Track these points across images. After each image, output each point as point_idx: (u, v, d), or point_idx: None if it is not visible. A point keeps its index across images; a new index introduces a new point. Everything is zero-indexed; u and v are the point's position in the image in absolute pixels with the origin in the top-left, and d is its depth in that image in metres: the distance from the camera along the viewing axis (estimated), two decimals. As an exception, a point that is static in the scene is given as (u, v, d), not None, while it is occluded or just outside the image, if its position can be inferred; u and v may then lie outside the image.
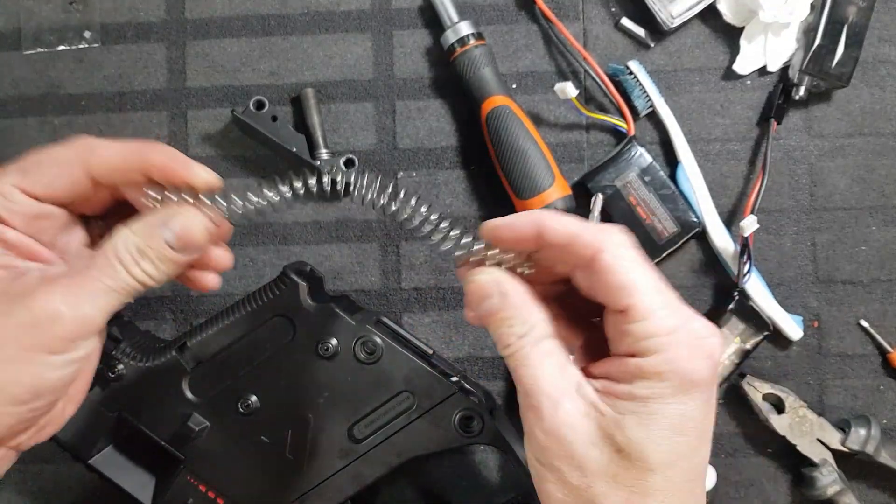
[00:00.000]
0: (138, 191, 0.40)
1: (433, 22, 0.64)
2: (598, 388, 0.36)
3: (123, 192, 0.41)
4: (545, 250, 0.38)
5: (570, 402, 0.35)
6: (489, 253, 0.39)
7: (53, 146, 0.39)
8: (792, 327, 0.62)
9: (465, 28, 0.61)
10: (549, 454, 0.35)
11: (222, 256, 0.44)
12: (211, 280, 0.44)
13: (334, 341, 0.54)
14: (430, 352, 0.55)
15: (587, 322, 0.41)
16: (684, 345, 0.35)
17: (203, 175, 0.40)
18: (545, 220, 0.38)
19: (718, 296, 0.63)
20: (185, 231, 0.38)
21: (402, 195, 0.41)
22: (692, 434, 0.35)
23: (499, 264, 0.39)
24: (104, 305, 0.37)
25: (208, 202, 0.39)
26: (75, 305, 0.36)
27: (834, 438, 0.60)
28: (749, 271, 0.60)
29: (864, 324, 0.63)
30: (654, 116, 0.64)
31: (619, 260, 0.36)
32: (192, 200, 0.39)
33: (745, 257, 0.59)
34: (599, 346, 0.39)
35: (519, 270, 0.39)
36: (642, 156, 0.62)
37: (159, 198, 0.39)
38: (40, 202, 0.39)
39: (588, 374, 0.37)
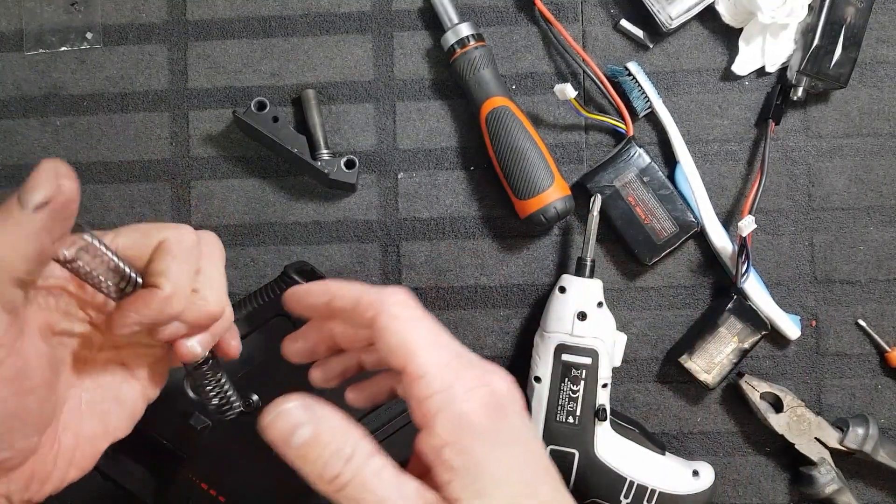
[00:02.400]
0: None
1: (433, 23, 0.64)
2: (429, 484, 0.35)
3: None
4: (341, 319, 0.39)
5: None
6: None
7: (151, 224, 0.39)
8: (790, 327, 0.62)
9: (465, 29, 0.62)
10: None
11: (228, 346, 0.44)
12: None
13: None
14: (430, 351, 0.55)
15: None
16: (462, 399, 0.34)
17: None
18: (333, 286, 0.38)
19: (717, 295, 0.64)
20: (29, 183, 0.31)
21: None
22: (524, 472, 0.35)
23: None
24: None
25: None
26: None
27: (832, 437, 0.60)
28: (747, 271, 0.60)
29: (862, 323, 0.63)
30: (652, 117, 0.64)
31: (395, 320, 0.36)
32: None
33: (744, 257, 0.60)
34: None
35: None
36: (641, 156, 0.62)
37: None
38: None
39: (416, 471, 0.36)
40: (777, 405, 0.61)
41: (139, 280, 0.37)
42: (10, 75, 0.66)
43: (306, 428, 0.35)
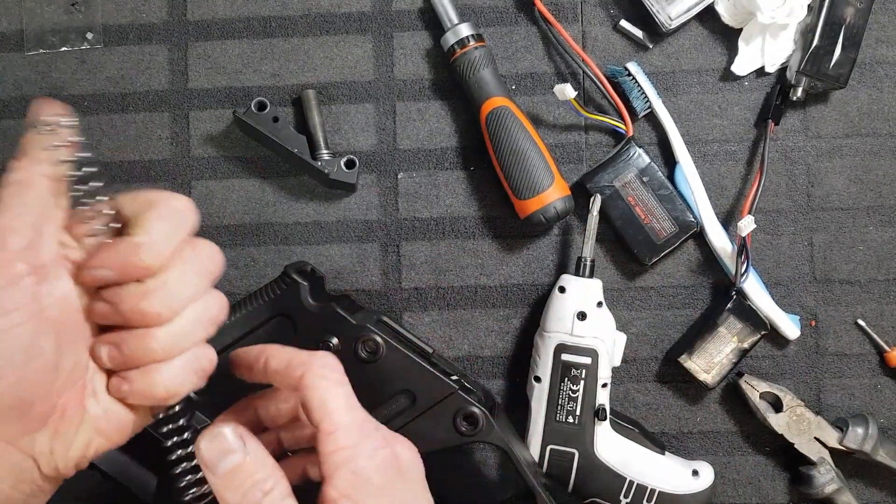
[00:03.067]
0: None
1: (433, 24, 0.64)
2: None
3: None
4: (271, 380, 0.41)
5: None
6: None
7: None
8: (789, 327, 0.62)
9: (465, 30, 0.62)
10: None
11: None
12: None
13: (335, 340, 0.54)
14: (431, 351, 0.55)
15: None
16: (366, 456, 0.38)
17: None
18: (269, 348, 0.41)
19: (716, 295, 0.64)
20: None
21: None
22: None
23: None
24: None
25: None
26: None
27: (831, 437, 0.60)
28: (747, 271, 0.60)
29: (862, 323, 0.63)
30: (652, 117, 0.64)
31: (319, 380, 0.39)
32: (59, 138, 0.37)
33: (743, 257, 0.60)
34: None
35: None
36: (641, 156, 0.62)
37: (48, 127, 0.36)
38: None
39: None
40: (777, 405, 0.61)
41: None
42: (10, 75, 0.66)
43: (237, 455, 0.37)
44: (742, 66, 0.64)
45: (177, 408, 0.40)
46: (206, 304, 0.38)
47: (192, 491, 0.40)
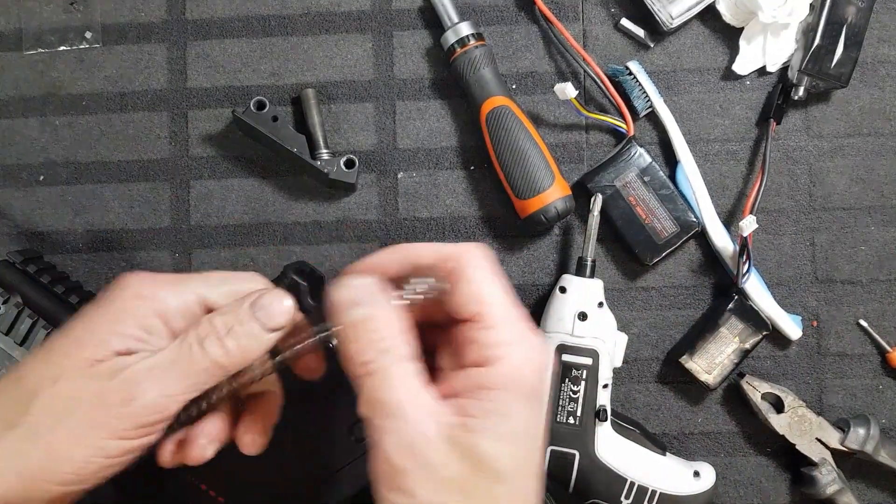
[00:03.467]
0: None
1: (433, 22, 0.64)
2: (451, 407, 0.36)
3: None
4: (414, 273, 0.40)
5: (430, 425, 0.35)
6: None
7: (239, 273, 0.43)
8: (791, 327, 0.62)
9: (465, 29, 0.62)
10: (404, 477, 0.35)
11: (249, 440, 0.43)
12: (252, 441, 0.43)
13: (335, 340, 0.54)
14: (431, 351, 0.55)
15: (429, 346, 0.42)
16: (525, 357, 0.37)
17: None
18: (409, 246, 0.40)
19: (718, 295, 0.63)
20: (271, 307, 0.39)
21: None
22: (533, 442, 0.37)
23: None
24: (178, 388, 0.37)
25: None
26: (148, 388, 0.36)
27: (833, 438, 0.60)
28: (748, 271, 0.60)
29: (864, 323, 0.63)
30: (653, 117, 0.64)
31: (475, 271, 0.38)
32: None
33: (745, 257, 0.60)
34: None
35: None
36: (642, 156, 0.62)
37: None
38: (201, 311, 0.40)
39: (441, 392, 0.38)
40: (778, 405, 0.61)
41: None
42: (8, 75, 0.66)
43: (362, 309, 0.37)
44: (743, 65, 0.64)
45: None
46: None
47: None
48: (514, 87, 0.64)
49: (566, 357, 0.58)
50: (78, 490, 0.37)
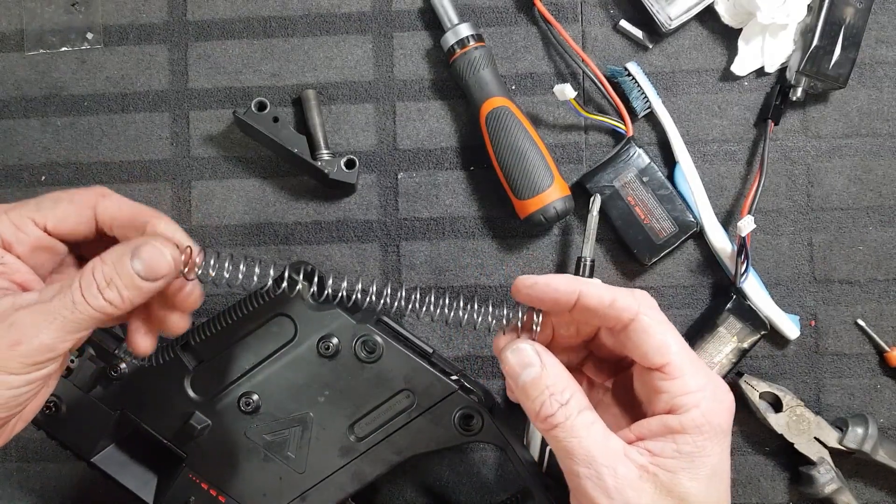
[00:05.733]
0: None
1: (433, 24, 0.64)
2: (641, 450, 0.39)
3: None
4: (576, 313, 0.42)
5: (624, 467, 0.39)
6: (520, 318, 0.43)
7: (73, 189, 0.42)
8: (789, 326, 0.62)
9: (465, 30, 0.62)
10: None
11: (190, 295, 0.44)
12: (176, 322, 0.44)
13: (335, 340, 0.54)
14: (430, 350, 0.55)
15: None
16: (714, 399, 0.40)
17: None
18: (583, 286, 0.41)
19: (716, 295, 0.64)
20: (152, 259, 0.39)
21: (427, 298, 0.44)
22: (725, 477, 0.40)
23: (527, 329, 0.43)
24: (62, 335, 0.38)
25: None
26: (34, 334, 0.37)
27: (831, 437, 0.60)
28: (746, 271, 0.60)
29: (861, 323, 0.63)
30: (652, 117, 0.64)
31: (655, 323, 0.41)
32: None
33: (743, 257, 0.60)
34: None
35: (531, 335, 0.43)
36: (640, 156, 0.62)
37: None
38: (48, 235, 0.42)
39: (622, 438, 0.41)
40: (776, 405, 0.61)
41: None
42: (10, 75, 0.66)
43: (534, 368, 0.41)
44: (742, 66, 0.64)
45: None
46: None
47: None
48: (513, 87, 0.65)
49: (565, 356, 0.58)
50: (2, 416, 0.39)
